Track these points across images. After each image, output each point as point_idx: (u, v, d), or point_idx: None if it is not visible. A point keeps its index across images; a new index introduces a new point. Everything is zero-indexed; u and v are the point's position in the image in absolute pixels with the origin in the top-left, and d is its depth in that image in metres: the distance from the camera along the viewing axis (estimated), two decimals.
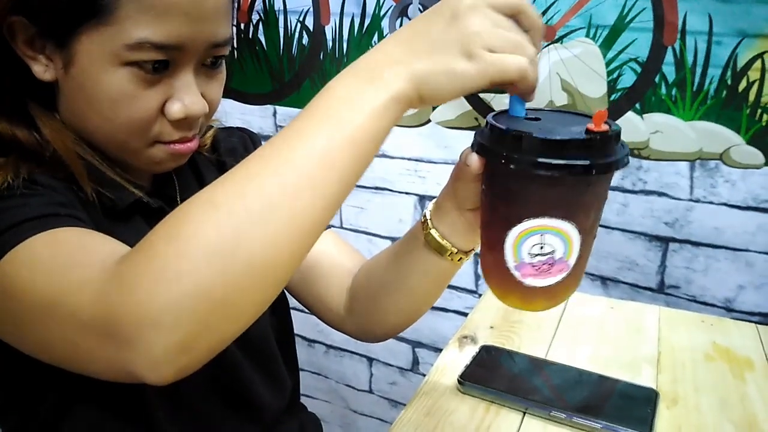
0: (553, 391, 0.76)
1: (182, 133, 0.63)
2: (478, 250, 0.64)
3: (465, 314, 1.46)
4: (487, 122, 0.52)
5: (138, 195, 0.66)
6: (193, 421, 0.71)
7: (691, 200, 1.23)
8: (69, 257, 0.49)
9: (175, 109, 0.61)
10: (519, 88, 0.50)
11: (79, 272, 0.47)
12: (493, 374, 0.78)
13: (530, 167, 0.48)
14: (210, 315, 0.42)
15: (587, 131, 0.48)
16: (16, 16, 0.58)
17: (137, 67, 0.57)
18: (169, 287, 0.41)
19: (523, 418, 0.72)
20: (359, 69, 0.48)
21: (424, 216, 0.66)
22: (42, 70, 0.61)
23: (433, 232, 0.64)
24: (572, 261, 0.51)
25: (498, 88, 0.50)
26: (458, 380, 0.77)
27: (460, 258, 0.65)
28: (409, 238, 0.69)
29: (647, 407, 0.72)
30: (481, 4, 0.48)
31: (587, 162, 0.47)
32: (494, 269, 0.54)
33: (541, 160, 0.47)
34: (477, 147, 0.53)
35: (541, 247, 0.50)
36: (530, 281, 0.52)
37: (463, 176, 0.57)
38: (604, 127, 0.48)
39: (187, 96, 0.61)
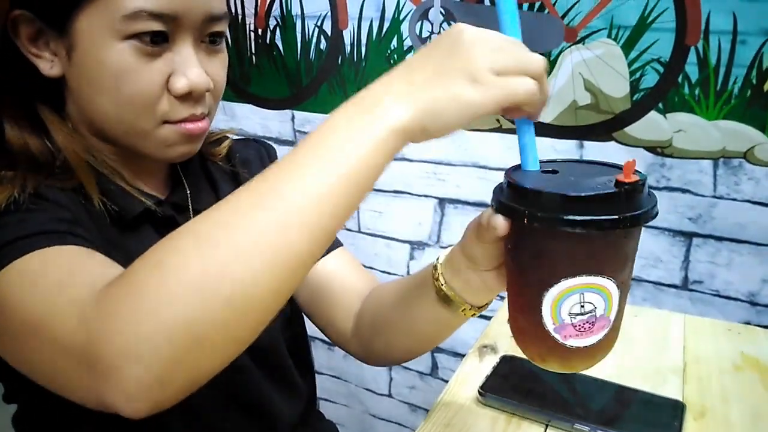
0: (576, 402, 0.74)
1: (190, 110, 0.63)
2: (491, 305, 0.62)
3: (486, 317, 1.45)
4: (506, 180, 0.50)
5: (147, 204, 0.66)
6: None
7: (714, 197, 1.23)
8: (59, 279, 0.49)
9: (180, 83, 0.60)
10: (526, 111, 0.48)
11: (66, 296, 0.47)
12: (514, 385, 0.77)
13: (564, 225, 0.45)
14: (188, 350, 0.41)
15: (617, 183, 0.46)
16: (18, 10, 0.59)
17: (137, 40, 0.58)
18: (148, 319, 0.41)
19: (545, 431, 0.71)
20: (359, 99, 0.46)
21: (436, 268, 0.62)
22: (48, 66, 0.62)
23: (444, 287, 0.61)
24: (613, 316, 0.50)
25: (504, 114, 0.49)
26: (479, 392, 0.76)
27: (473, 313, 0.62)
28: (419, 284, 0.66)
29: (674, 420, 0.70)
30: (481, 30, 0.46)
31: (622, 215, 0.45)
32: (531, 333, 0.52)
33: (571, 218, 0.45)
34: (500, 207, 0.50)
35: (582, 306, 0.48)
36: (572, 342, 0.50)
37: (484, 238, 0.53)
38: (634, 178, 0.46)
39: (189, 70, 0.61)
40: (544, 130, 1.30)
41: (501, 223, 0.50)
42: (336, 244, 0.83)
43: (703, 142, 1.21)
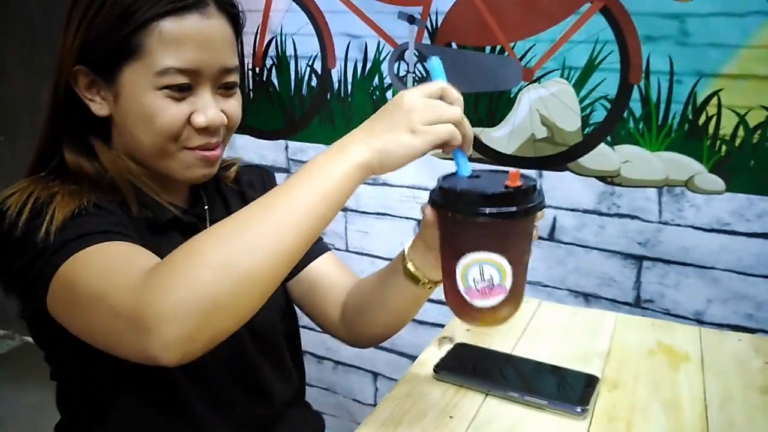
0: (511, 377, 0.90)
1: (205, 139, 0.80)
2: None
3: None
4: (437, 182, 0.68)
5: (174, 213, 0.83)
6: (216, 402, 0.86)
7: (660, 222, 1.35)
8: (117, 264, 0.66)
9: (200, 119, 0.78)
10: (454, 145, 0.66)
11: (122, 276, 0.64)
12: (464, 365, 0.91)
13: (463, 215, 0.64)
14: (211, 313, 0.58)
15: (505, 187, 0.64)
16: (79, 66, 0.78)
17: (167, 89, 0.76)
18: (184, 290, 0.58)
19: (485, 398, 0.85)
20: (335, 146, 0.65)
21: (403, 251, 0.82)
22: (99, 108, 0.80)
23: (409, 264, 0.81)
24: (508, 285, 0.66)
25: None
26: (434, 369, 0.90)
27: (431, 286, 0.81)
28: (391, 267, 0.86)
29: (589, 389, 0.85)
30: (416, 95, 0.65)
31: (504, 209, 0.62)
32: (450, 293, 0.69)
33: (470, 209, 0.63)
34: (430, 202, 0.69)
35: (482, 275, 0.66)
36: (477, 302, 0.67)
37: (427, 223, 0.72)
38: (519, 183, 0.64)
39: (208, 110, 0.79)
40: (507, 160, 1.47)
41: (428, 211, 0.70)
42: (325, 249, 1.02)
43: (648, 171, 1.33)
